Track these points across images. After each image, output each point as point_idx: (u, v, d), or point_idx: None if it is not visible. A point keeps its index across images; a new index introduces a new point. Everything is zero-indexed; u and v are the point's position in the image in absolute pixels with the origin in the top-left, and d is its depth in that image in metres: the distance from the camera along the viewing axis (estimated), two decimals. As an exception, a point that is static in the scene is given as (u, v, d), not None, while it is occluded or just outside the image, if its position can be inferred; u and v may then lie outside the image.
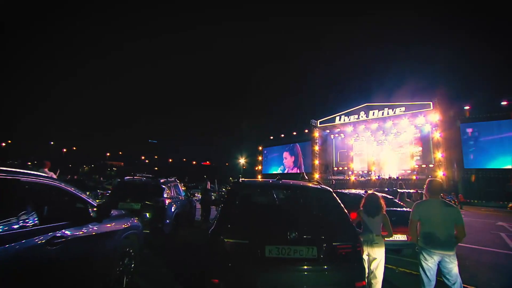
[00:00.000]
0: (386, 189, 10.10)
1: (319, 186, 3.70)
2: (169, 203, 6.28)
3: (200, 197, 11.82)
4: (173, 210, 6.47)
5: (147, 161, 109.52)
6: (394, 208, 6.38)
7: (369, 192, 7.18)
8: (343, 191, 7.66)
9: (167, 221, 6.04)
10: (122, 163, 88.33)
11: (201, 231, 8.04)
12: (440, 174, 25.96)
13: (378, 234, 3.87)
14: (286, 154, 45.12)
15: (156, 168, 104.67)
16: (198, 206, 10.90)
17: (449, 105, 27.54)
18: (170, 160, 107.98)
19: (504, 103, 27.90)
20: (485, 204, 24.81)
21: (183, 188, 8.64)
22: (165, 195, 6.25)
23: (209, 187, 9.85)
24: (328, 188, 3.61)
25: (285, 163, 45.08)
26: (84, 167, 69.84)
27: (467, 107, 28.27)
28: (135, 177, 6.92)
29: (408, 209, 6.46)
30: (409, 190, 9.35)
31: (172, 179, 7.73)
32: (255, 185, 4.03)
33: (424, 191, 3.58)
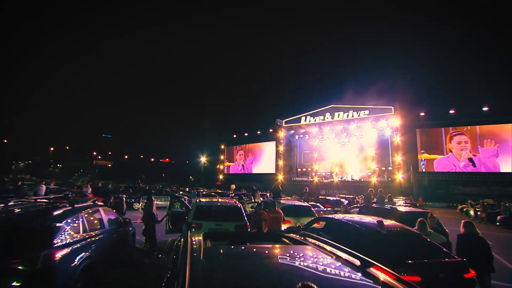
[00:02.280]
0: (375, 205, 8.07)
1: None
2: (67, 254, 3.34)
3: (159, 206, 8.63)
4: (78, 262, 3.51)
5: (99, 157, 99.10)
6: (442, 258, 3.80)
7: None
8: (342, 218, 5.29)
9: (59, 292, 3.11)
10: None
11: (138, 276, 5.19)
12: (399, 177, 26.01)
13: None
14: (249, 154, 42.85)
15: (109, 165, 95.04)
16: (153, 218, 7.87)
17: (408, 111, 27.87)
18: (126, 157, 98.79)
19: (451, 111, 29.13)
20: (437, 205, 25.29)
21: (109, 214, 5.60)
22: (58, 241, 3.30)
23: (154, 211, 6.81)
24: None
25: (249, 162, 42.80)
26: (19, 163, 59.24)
27: (422, 114, 28.95)
28: (9, 203, 3.75)
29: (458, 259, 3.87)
30: (410, 209, 7.29)
31: (90, 202, 4.76)
32: None
33: None
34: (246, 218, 6.55)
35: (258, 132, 41.68)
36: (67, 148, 79.68)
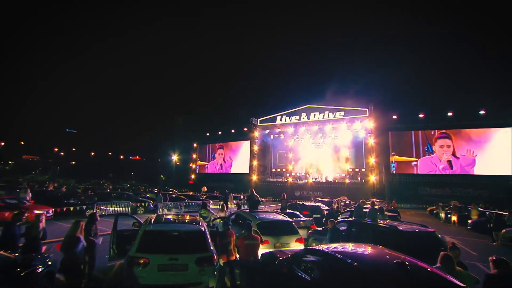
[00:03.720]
0: (367, 220, 6.67)
1: None
2: None
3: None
4: None
5: (62, 153, 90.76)
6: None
7: None
8: (343, 255, 3.69)
9: None
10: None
11: None
12: (372, 178, 25.74)
13: None
14: (223, 153, 40.84)
15: (73, 163, 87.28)
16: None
17: (382, 113, 27.78)
18: (92, 154, 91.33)
19: (421, 115, 29.59)
20: (408, 207, 25.36)
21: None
22: None
23: (81, 236, 4.64)
24: None
25: (222, 162, 40.78)
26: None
27: (395, 117, 29.03)
28: None
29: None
30: (412, 227, 5.73)
31: None
32: None
33: None
34: (212, 247, 4.80)
35: (232, 131, 39.85)
36: (22, 143, 71.28)
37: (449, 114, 28.17)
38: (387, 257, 3.60)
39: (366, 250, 3.97)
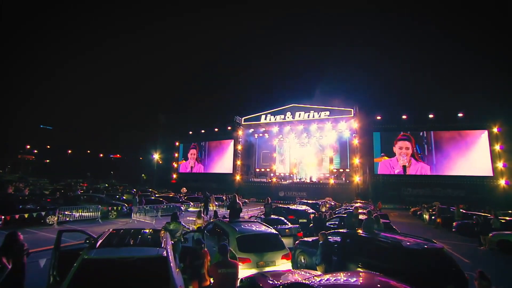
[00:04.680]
0: (362, 233, 5.65)
1: None
2: None
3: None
4: None
5: (35, 151, 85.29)
6: None
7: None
8: None
9: None
10: None
11: None
12: (356, 179, 25.36)
13: None
14: (206, 152, 39.31)
15: (47, 161, 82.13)
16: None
17: (366, 114, 27.46)
18: (69, 151, 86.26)
19: (404, 117, 29.61)
20: (392, 208, 25.13)
21: None
22: None
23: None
24: None
25: (205, 161, 39.24)
26: None
27: (379, 117, 28.81)
28: None
29: None
30: (416, 241, 5.17)
31: None
32: None
33: None
34: (178, 275, 3.63)
35: (216, 130, 38.37)
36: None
37: (430, 116, 28.34)
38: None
39: (363, 282, 2.99)
